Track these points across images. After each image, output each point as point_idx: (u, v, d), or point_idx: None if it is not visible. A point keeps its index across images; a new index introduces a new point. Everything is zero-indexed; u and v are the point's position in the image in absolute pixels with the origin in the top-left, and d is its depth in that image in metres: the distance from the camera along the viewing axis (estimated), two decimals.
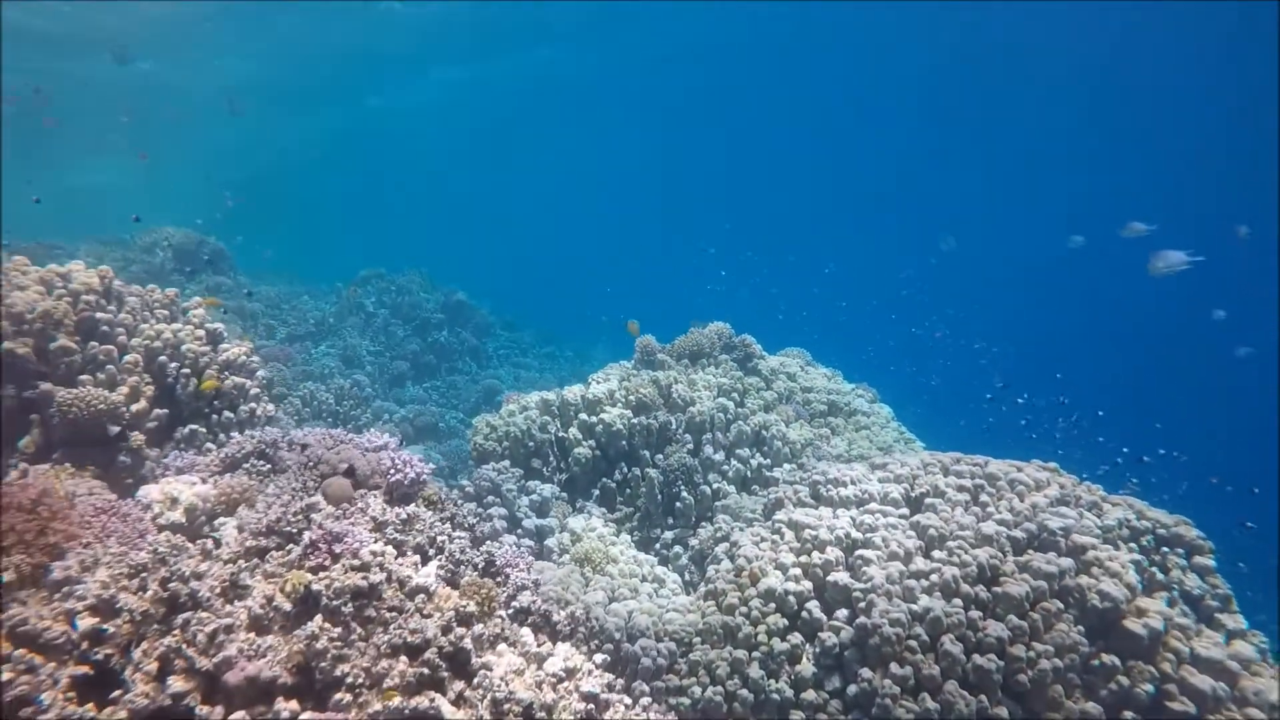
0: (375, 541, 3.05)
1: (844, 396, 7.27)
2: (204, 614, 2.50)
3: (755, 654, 3.50)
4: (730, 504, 5.19)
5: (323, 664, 2.53)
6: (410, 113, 29.22)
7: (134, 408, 3.84)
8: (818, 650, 3.42)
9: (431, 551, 3.28)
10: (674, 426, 6.00)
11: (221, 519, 3.18)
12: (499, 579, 3.38)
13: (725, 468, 5.69)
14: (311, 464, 3.44)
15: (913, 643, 3.19)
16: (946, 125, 29.37)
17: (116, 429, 3.73)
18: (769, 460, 5.77)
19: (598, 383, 6.63)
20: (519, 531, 5.20)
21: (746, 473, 5.68)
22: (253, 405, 4.57)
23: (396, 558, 3.03)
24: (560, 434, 6.12)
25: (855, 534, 3.81)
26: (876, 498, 4.06)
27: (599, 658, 3.35)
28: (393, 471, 3.35)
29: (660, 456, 5.83)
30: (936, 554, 3.54)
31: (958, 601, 3.27)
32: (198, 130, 26.29)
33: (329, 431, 3.91)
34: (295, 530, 2.97)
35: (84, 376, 3.82)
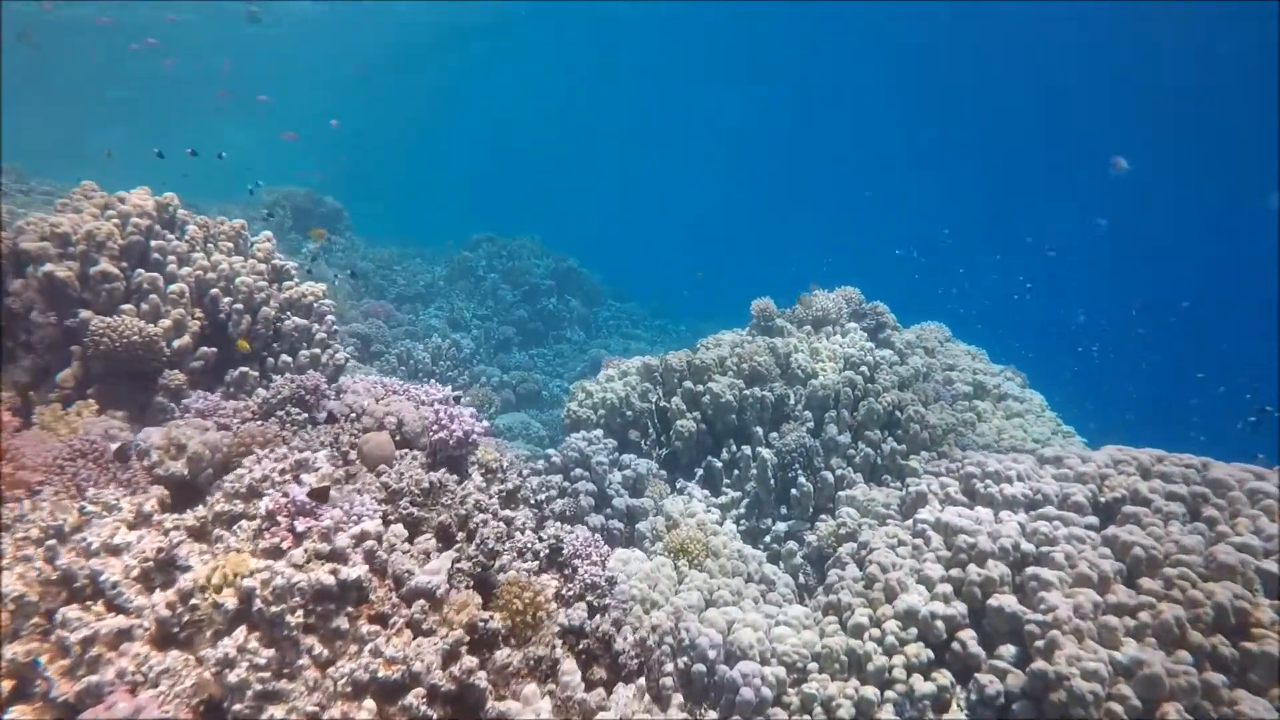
0: (374, 518, 2.37)
1: (992, 378, 6.25)
2: (80, 612, 1.88)
3: (889, 693, 2.71)
4: (857, 495, 4.36)
5: (238, 706, 1.78)
6: (536, 77, 29.05)
7: (176, 343, 3.39)
8: (974, 698, 2.60)
9: (460, 536, 2.59)
10: (792, 401, 5.20)
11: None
12: (565, 573, 2.72)
13: (851, 452, 4.85)
14: (354, 415, 2.88)
15: (1117, 708, 2.32)
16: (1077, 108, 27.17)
17: (157, 365, 3.29)
18: (904, 446, 4.89)
19: (707, 348, 5.89)
20: (608, 511, 4.56)
21: (877, 459, 4.82)
22: (316, 351, 4.07)
23: (405, 541, 2.39)
24: (662, 404, 5.43)
25: (1026, 545, 2.94)
26: (1053, 500, 3.17)
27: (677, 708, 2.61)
28: (435, 428, 2.73)
29: (775, 435, 5.05)
30: (1146, 584, 2.64)
31: (1184, 656, 2.38)
32: (323, 92, 26.93)
33: (381, 380, 3.35)
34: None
35: (126, 306, 3.40)
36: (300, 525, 2.14)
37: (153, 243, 3.66)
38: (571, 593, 2.64)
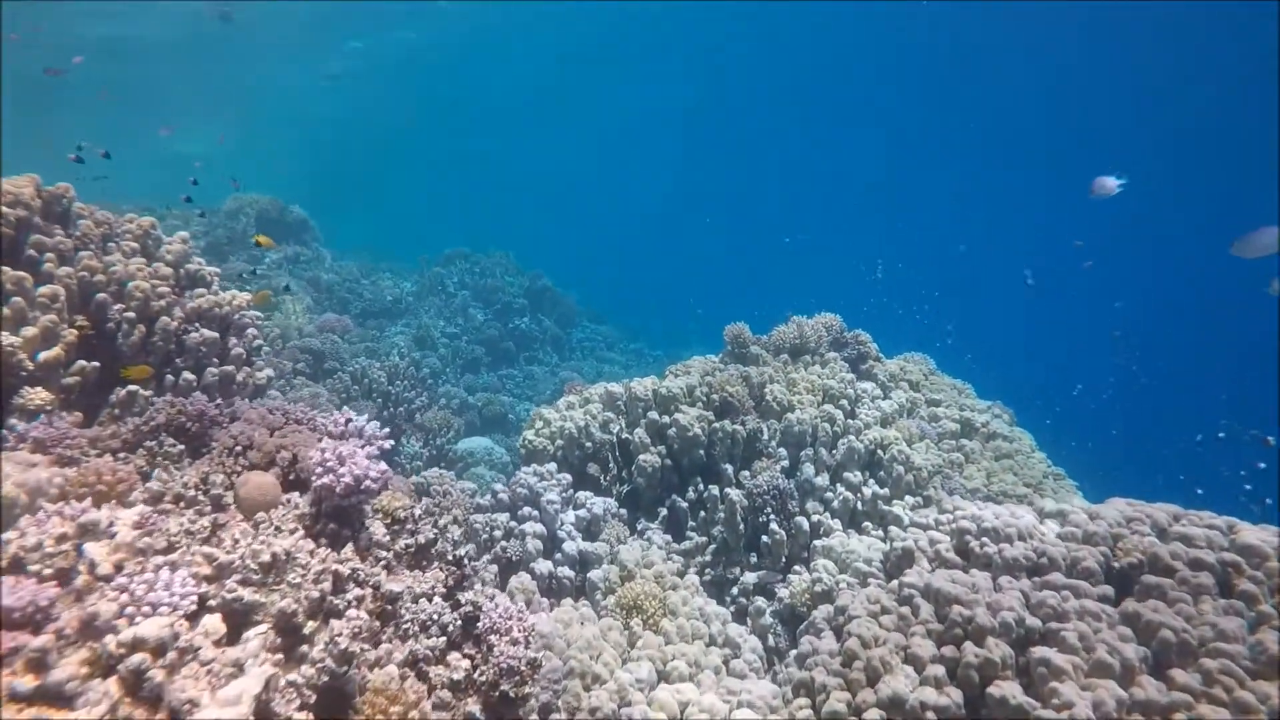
0: (174, 611, 1.79)
1: (979, 415, 5.86)
2: None
3: None
4: (835, 546, 3.91)
5: None
6: (514, 91, 28.69)
7: (43, 356, 2.88)
8: None
9: (311, 628, 2.00)
10: (765, 437, 4.77)
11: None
12: (479, 652, 2.24)
13: (829, 495, 4.41)
14: (237, 449, 2.39)
15: None
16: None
17: (13, 381, 2.79)
18: (886, 490, 4.46)
19: (675, 375, 5.45)
20: (557, 556, 4.08)
21: (857, 504, 4.38)
22: (229, 369, 3.58)
23: (218, 643, 1.83)
24: (624, 435, 4.97)
25: (1032, 620, 2.51)
26: (1060, 565, 2.74)
27: None
28: (320, 471, 2.24)
29: (746, 474, 4.60)
30: (1180, 677, 2.21)
31: None
32: (294, 102, 26.40)
33: (281, 406, 2.86)
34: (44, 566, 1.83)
35: None
36: (7, 641, 1.60)
37: (33, 237, 3.16)
38: (484, 679, 2.16)
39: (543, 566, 3.94)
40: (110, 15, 18.12)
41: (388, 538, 2.35)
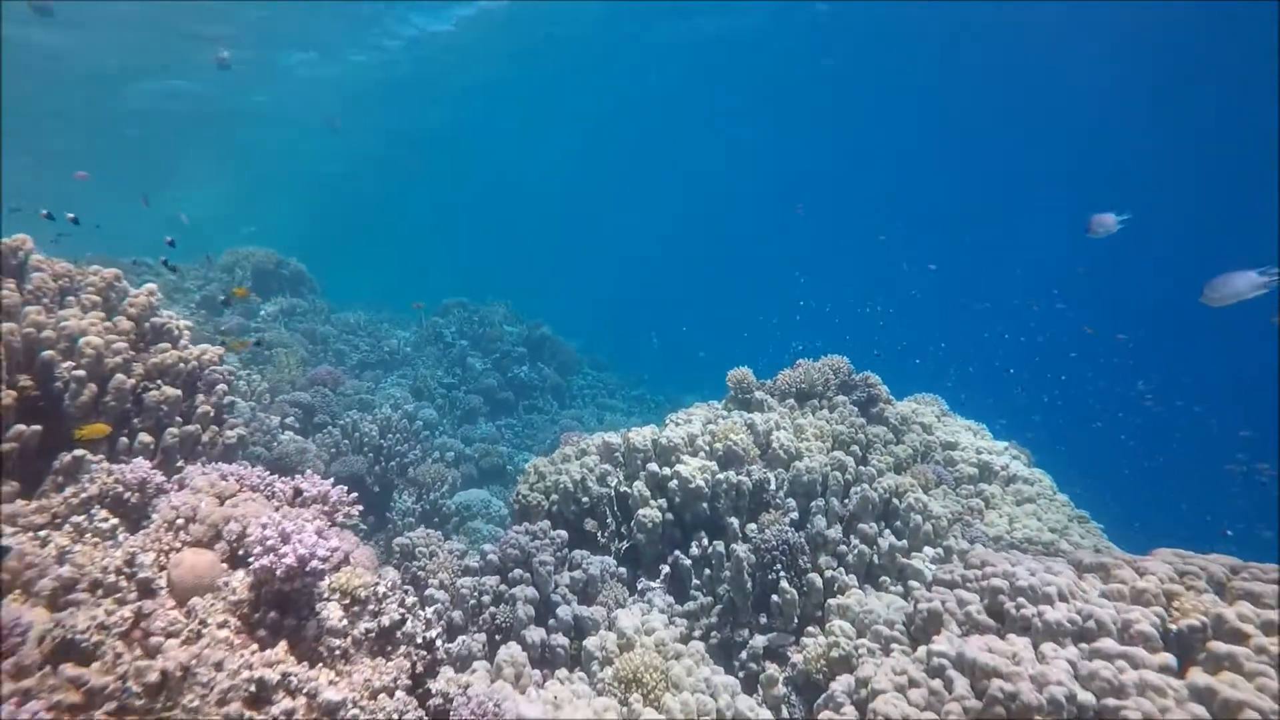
0: None
1: (998, 457, 5.56)
2: None
3: None
4: (851, 605, 3.60)
5: None
6: (516, 142, 28.86)
7: None
8: None
9: None
10: (772, 487, 4.47)
11: None
12: None
13: (843, 548, 4.10)
14: (178, 522, 2.12)
15: None
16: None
17: None
18: (904, 541, 4.15)
19: (676, 424, 5.17)
20: (551, 622, 3.76)
21: (873, 557, 4.07)
22: (194, 428, 3.32)
23: None
24: (622, 489, 4.68)
25: (1084, 695, 2.20)
26: (1111, 629, 2.43)
27: None
28: (258, 550, 1.94)
29: (753, 527, 4.30)
30: None
31: None
32: (296, 159, 26.58)
33: (236, 469, 2.59)
34: None
35: None
36: None
37: None
38: None
39: (534, 634, 3.62)
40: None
41: (344, 622, 2.05)
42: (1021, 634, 2.58)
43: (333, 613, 2.05)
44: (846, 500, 4.36)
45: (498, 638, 3.74)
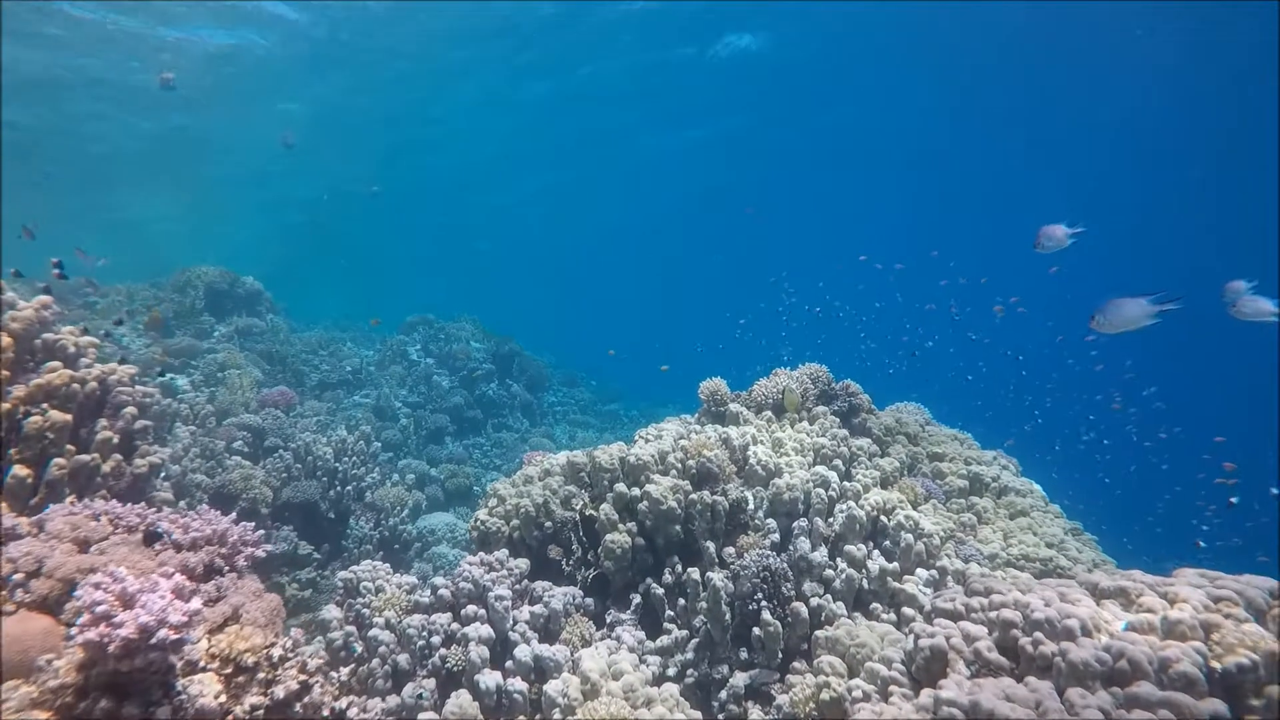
0: None
1: (987, 467, 5.25)
2: None
3: None
4: (840, 637, 3.24)
5: None
6: (487, 166, 28.47)
7: None
8: None
9: None
10: (751, 507, 4.12)
11: None
12: None
13: (829, 573, 3.76)
14: (17, 577, 1.71)
15: None
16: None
17: None
18: (895, 563, 3.81)
19: (646, 440, 4.81)
20: (508, 664, 3.37)
21: (862, 581, 3.73)
22: (90, 458, 2.90)
23: None
24: (588, 512, 4.30)
25: None
26: (1148, 669, 2.10)
27: None
28: (85, 619, 1.51)
29: (730, 551, 3.95)
30: None
31: None
32: (252, 174, 25.99)
33: (108, 508, 2.19)
34: None
35: None
36: None
37: None
38: None
39: (489, 680, 3.23)
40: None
41: (221, 700, 1.65)
42: (1041, 675, 2.24)
43: (206, 690, 1.65)
44: (831, 519, 4.03)
45: (448, 684, 3.35)
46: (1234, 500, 6.54)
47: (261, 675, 1.76)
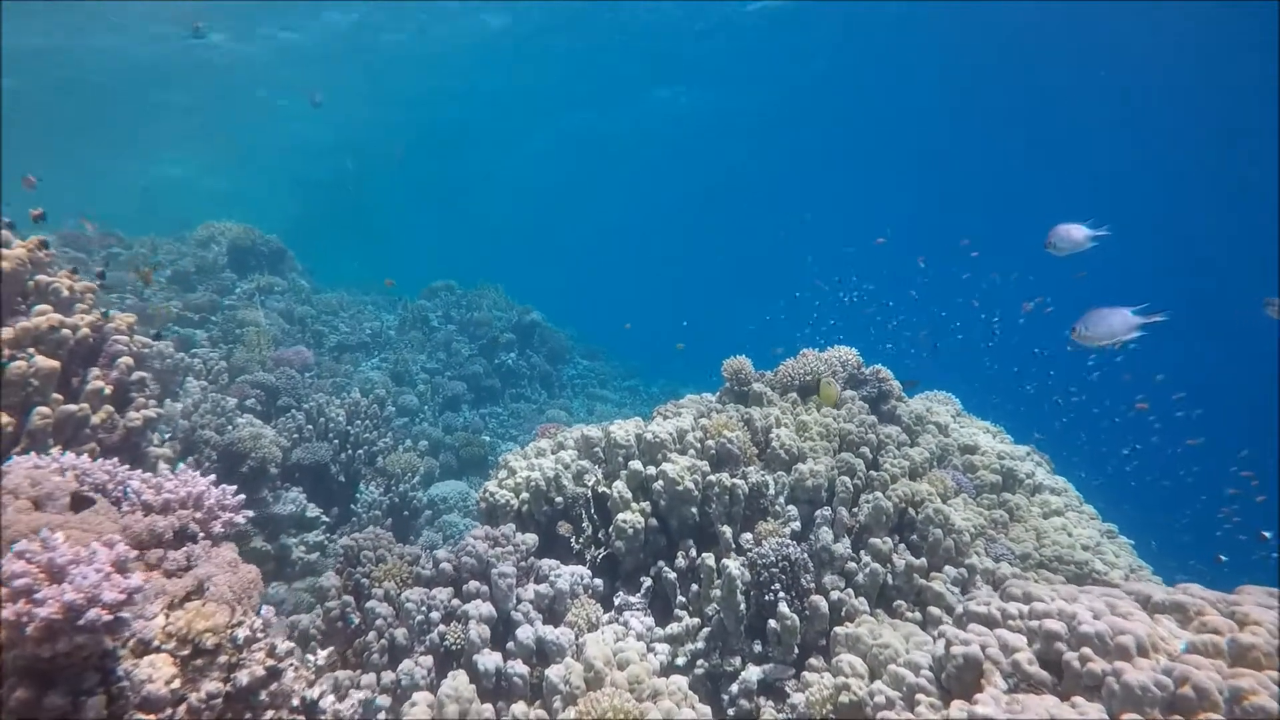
0: None
1: (1021, 463, 5.01)
2: None
3: None
4: (862, 636, 3.04)
5: None
6: (514, 121, 28.12)
7: None
8: None
9: None
10: (771, 492, 3.92)
11: None
12: None
13: (852, 565, 3.55)
14: None
15: None
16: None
17: None
18: (922, 559, 3.60)
19: (664, 418, 4.62)
20: (510, 645, 3.21)
21: (887, 576, 3.52)
22: (75, 408, 2.75)
23: None
24: (600, 489, 4.12)
25: None
26: (1215, 699, 1.88)
27: None
28: (4, 594, 1.31)
29: (748, 538, 3.75)
30: None
31: None
32: (282, 127, 25.80)
33: (85, 464, 2.01)
34: None
35: None
36: None
37: None
38: None
39: (488, 661, 3.07)
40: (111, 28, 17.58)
41: (174, 686, 1.47)
42: (1089, 696, 2.03)
43: (156, 674, 1.47)
44: (856, 509, 3.81)
45: (446, 662, 3.19)
46: (1266, 535, 6.17)
47: (223, 659, 1.59)
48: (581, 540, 4.07)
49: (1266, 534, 6.05)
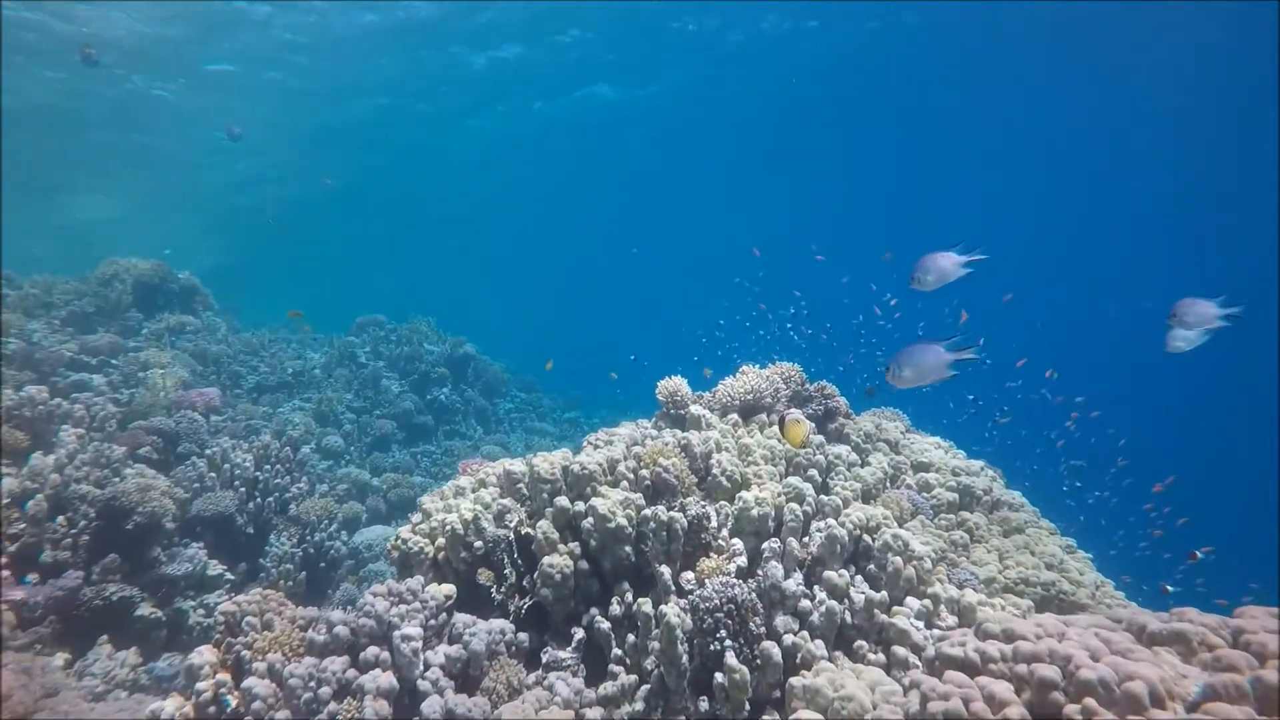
0: None
1: (977, 479, 4.72)
2: None
3: None
4: (821, 687, 2.65)
5: None
6: (442, 156, 27.58)
7: None
8: None
9: None
10: (714, 524, 3.53)
11: None
12: None
13: (806, 604, 3.17)
14: None
15: None
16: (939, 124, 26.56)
17: None
18: (882, 592, 3.24)
19: (595, 447, 4.22)
20: None
21: (845, 614, 3.15)
22: None
23: None
24: (524, 530, 3.68)
25: None
26: None
27: None
28: None
29: (689, 577, 3.35)
30: None
31: None
32: (205, 165, 24.87)
33: None
34: None
35: None
36: None
37: None
38: None
39: None
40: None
41: None
42: None
43: None
44: (807, 539, 3.45)
45: None
46: (1198, 554, 5.94)
47: None
48: (504, 589, 3.62)
49: (1198, 553, 5.87)
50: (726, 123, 26.04)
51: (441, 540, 3.82)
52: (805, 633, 3.07)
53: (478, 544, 3.75)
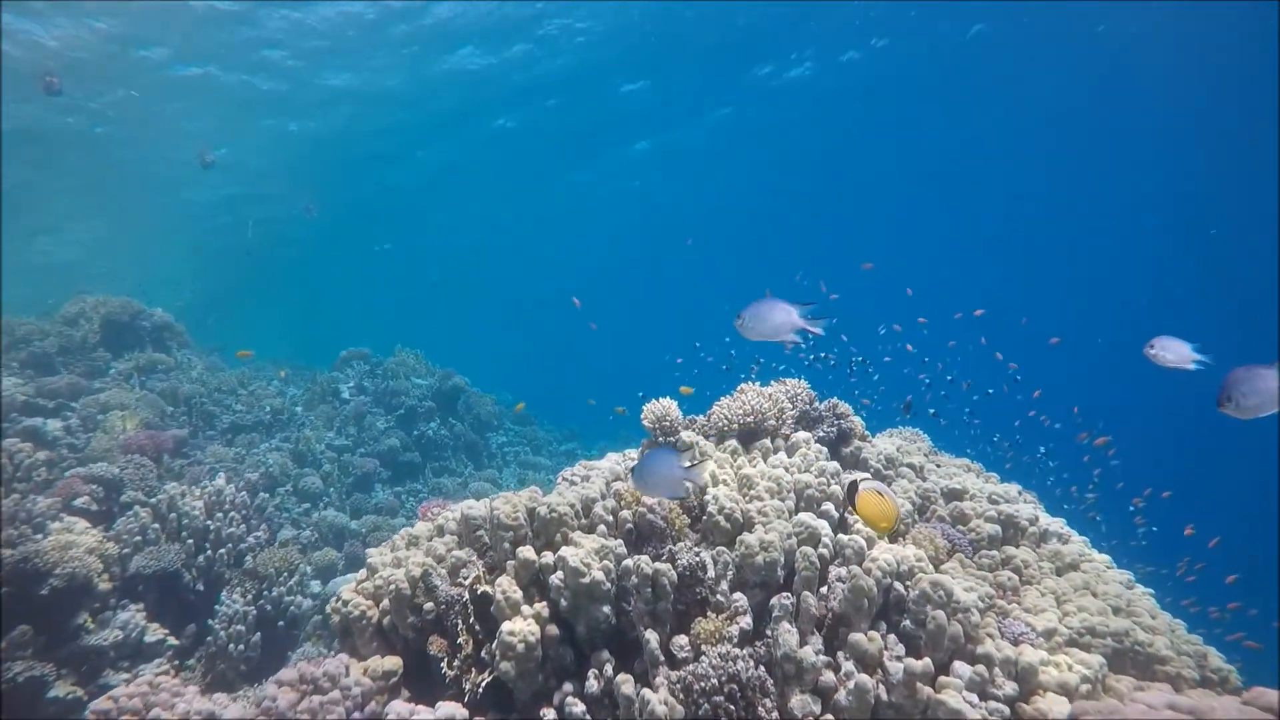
0: None
1: (1020, 506, 4.05)
2: None
3: None
4: None
5: None
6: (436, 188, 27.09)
7: None
8: None
9: None
10: (711, 575, 2.87)
11: None
12: None
13: (828, 678, 2.51)
14: None
15: None
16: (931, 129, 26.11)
17: None
18: (924, 658, 2.58)
19: (569, 484, 3.59)
20: None
21: (879, 691, 2.49)
22: None
23: None
24: (482, 588, 3.03)
25: None
26: None
27: None
28: None
29: (682, 642, 2.70)
30: None
31: None
32: (180, 198, 24.31)
33: None
34: None
35: None
36: None
37: None
38: None
39: None
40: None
41: None
42: None
43: None
44: (825, 590, 2.80)
45: None
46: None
47: None
48: (458, 663, 2.96)
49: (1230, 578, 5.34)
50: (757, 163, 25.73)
51: (387, 602, 3.18)
52: (830, 717, 2.41)
53: (428, 606, 3.10)
